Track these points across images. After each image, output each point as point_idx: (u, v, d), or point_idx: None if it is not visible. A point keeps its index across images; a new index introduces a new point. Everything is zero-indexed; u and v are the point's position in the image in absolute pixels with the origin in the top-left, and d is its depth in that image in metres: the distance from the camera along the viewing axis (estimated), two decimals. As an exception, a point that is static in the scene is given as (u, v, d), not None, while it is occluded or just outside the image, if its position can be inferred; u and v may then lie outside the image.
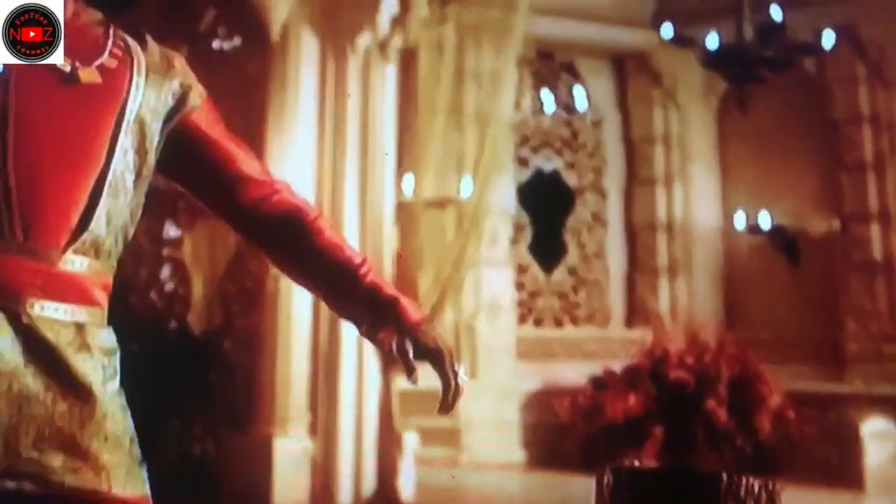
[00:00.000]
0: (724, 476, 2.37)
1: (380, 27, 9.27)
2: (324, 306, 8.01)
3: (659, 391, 9.78)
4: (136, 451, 2.34)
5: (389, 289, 2.51)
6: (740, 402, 9.68)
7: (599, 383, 10.50)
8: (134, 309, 9.29)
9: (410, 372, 2.47)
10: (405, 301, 2.51)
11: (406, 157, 9.94)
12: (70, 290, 2.26)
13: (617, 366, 10.89)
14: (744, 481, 2.38)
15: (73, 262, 2.26)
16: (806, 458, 10.27)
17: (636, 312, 12.71)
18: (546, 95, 12.55)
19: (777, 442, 9.86)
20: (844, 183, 11.91)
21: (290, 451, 8.75)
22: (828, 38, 9.66)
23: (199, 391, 9.37)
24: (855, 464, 10.04)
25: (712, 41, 9.65)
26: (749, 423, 9.67)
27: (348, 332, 9.07)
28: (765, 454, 9.76)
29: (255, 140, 9.05)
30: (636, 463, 2.58)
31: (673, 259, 12.66)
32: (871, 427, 10.22)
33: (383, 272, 9.40)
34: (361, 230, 9.27)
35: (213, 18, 10.01)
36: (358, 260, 2.51)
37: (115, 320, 2.44)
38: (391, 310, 2.48)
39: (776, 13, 9.44)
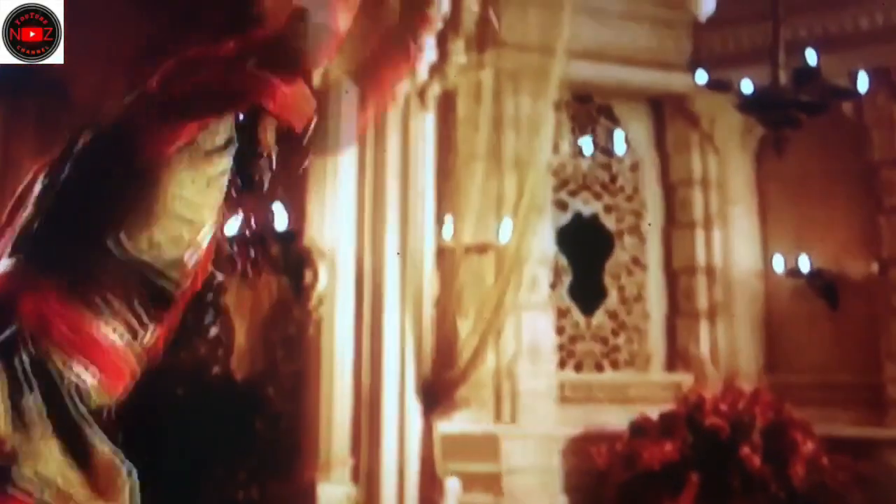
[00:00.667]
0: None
1: (418, 75, 9.41)
2: (367, 352, 8.07)
3: (695, 438, 9.79)
4: None
5: None
6: (774, 448, 9.69)
7: (636, 430, 10.51)
8: (178, 355, 9.40)
9: None
10: None
11: (445, 203, 10.02)
12: None
13: (657, 410, 10.91)
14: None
15: None
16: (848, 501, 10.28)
17: (676, 356, 12.64)
18: (584, 139, 12.60)
19: (811, 489, 9.83)
20: (883, 226, 11.81)
21: (334, 497, 8.84)
22: (862, 82, 9.69)
23: (242, 437, 9.44)
24: (896, 509, 9.98)
25: (747, 86, 9.67)
26: (783, 470, 9.66)
27: (390, 378, 9.20)
28: (799, 501, 9.74)
29: (296, 186, 9.17)
30: None
31: (713, 302, 12.58)
32: (914, 471, 10.15)
33: (424, 317, 9.52)
34: (402, 275, 9.40)
35: (255, 65, 10.11)
36: None
37: (160, 365, 2.56)
38: None
39: (811, 57, 9.47)
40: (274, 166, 2.96)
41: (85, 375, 2.44)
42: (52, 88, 9.67)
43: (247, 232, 2.99)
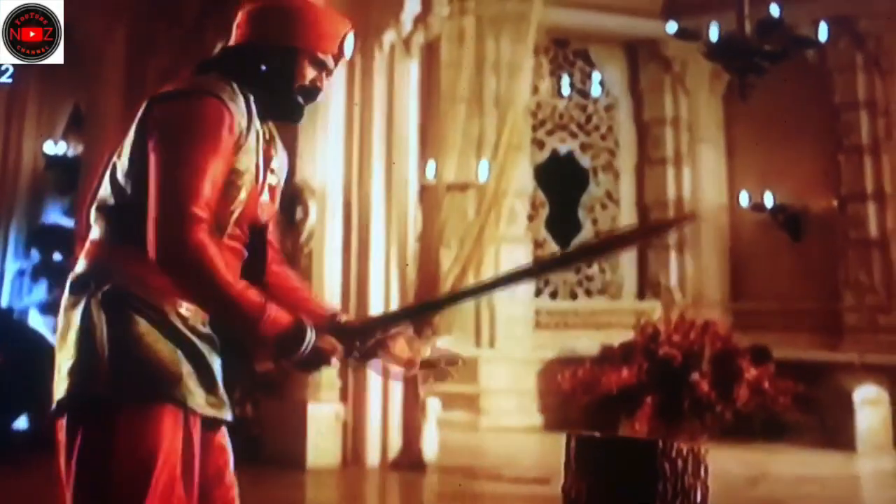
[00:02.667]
0: (660, 443, 3.03)
1: (403, 25, 9.79)
2: (353, 281, 8.50)
3: (650, 365, 10.36)
4: None
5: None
6: (721, 375, 10.25)
7: (601, 358, 11.11)
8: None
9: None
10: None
11: (429, 144, 10.44)
12: None
13: (627, 336, 11.46)
14: (675, 447, 3.04)
15: None
16: (804, 422, 10.90)
17: (647, 285, 13.31)
18: (562, 81, 13.13)
19: (754, 410, 10.46)
20: (843, 164, 12.44)
21: (323, 415, 9.30)
22: (822, 32, 10.06)
23: (238, 358, 9.86)
24: (848, 427, 10.54)
25: (714, 34, 10.05)
26: (728, 394, 10.25)
27: (375, 306, 9.68)
28: (742, 420, 10.38)
29: (287, 130, 9.61)
30: (597, 433, 3.19)
31: (682, 235, 13.12)
32: (863, 393, 10.72)
33: (408, 251, 9.99)
34: (387, 213, 9.79)
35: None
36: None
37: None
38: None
39: (774, 10, 9.87)
40: (323, 86, 3.11)
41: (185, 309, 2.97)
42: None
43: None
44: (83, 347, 2.86)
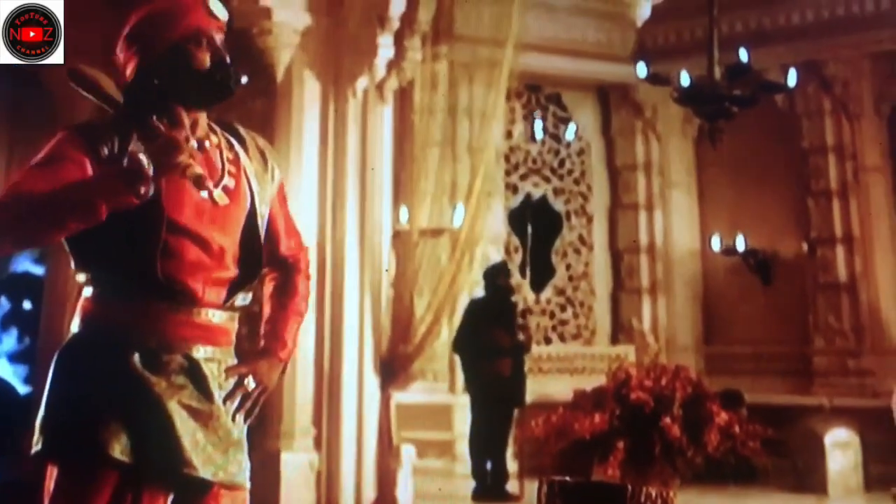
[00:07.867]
0: (629, 487, 3.09)
1: (377, 70, 9.85)
2: (328, 329, 8.49)
3: (622, 410, 10.40)
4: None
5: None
6: (692, 419, 10.29)
7: (573, 404, 11.14)
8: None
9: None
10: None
11: (402, 189, 10.48)
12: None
13: (601, 381, 11.49)
14: (644, 490, 3.09)
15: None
16: (775, 466, 10.95)
17: (620, 330, 13.36)
18: (535, 125, 13.22)
19: (724, 454, 10.50)
20: (812, 209, 12.59)
21: (297, 464, 9.27)
22: (791, 78, 10.17)
23: None
24: (819, 470, 10.67)
25: (685, 79, 10.15)
26: (699, 438, 10.29)
27: (349, 354, 9.68)
28: (712, 465, 10.41)
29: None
30: (568, 478, 3.24)
31: (654, 279, 13.32)
32: (834, 437, 10.82)
33: (382, 296, 9.99)
34: (360, 258, 9.79)
35: (223, 58, 10.44)
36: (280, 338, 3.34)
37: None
38: None
39: (743, 55, 9.98)
40: (224, 54, 3.05)
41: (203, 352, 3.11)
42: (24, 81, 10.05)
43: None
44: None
